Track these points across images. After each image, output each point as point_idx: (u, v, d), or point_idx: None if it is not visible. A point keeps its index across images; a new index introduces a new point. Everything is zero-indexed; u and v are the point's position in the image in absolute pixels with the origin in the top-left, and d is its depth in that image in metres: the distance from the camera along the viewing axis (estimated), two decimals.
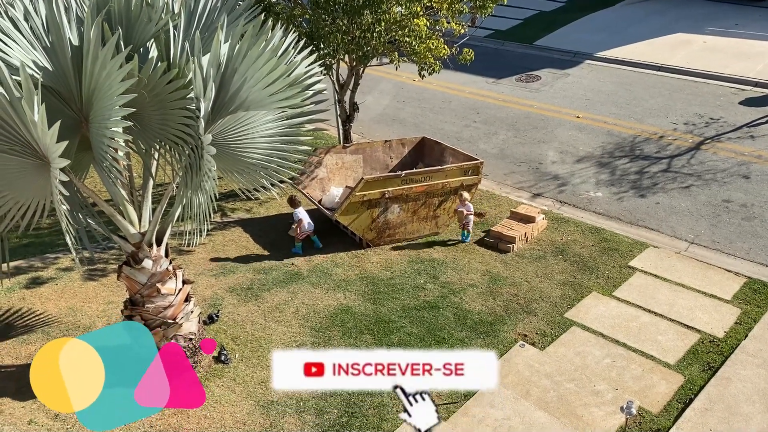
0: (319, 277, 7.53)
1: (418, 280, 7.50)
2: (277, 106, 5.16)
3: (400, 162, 9.70)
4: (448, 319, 6.72)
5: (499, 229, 8.40)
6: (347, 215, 7.86)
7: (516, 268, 7.80)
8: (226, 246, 8.32)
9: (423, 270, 7.73)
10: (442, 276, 7.59)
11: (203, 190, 4.99)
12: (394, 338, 6.42)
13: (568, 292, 7.27)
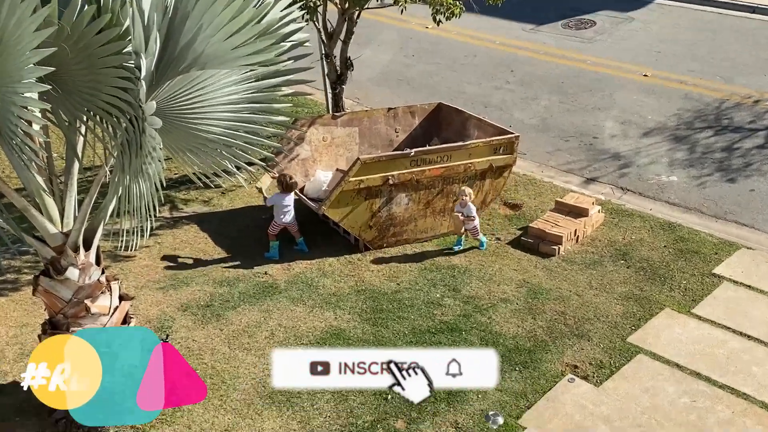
0: (302, 291, 7.54)
1: (434, 293, 7.51)
2: (244, 64, 5.14)
3: (409, 137, 9.69)
4: (472, 346, 6.71)
5: (541, 226, 8.40)
6: (338, 208, 7.86)
7: (563, 278, 7.80)
8: (178, 249, 8.33)
9: (440, 280, 7.74)
10: (464, 288, 7.59)
11: (146, 176, 4.98)
12: None
13: (632, 309, 7.27)
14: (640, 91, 12.58)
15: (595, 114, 11.88)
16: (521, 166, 10.32)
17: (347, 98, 11.80)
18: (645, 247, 8.33)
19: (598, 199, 9.29)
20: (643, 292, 7.55)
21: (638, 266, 7.99)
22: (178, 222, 8.95)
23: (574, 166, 10.50)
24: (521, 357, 6.63)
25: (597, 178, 10.14)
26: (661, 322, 7.08)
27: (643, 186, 9.83)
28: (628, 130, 11.34)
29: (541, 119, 11.84)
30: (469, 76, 13.74)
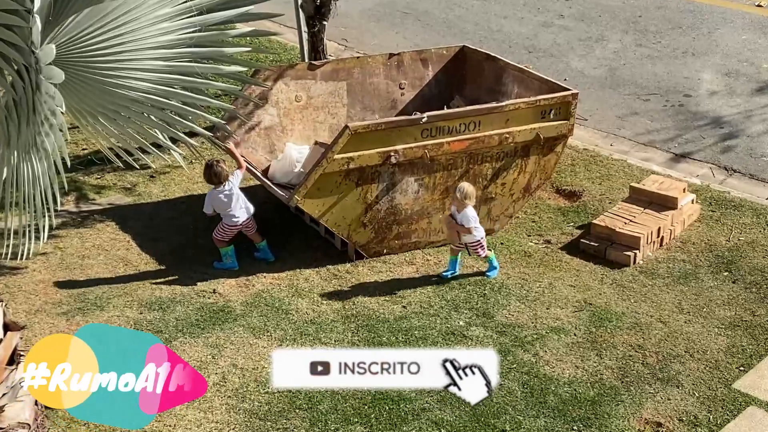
0: (266, 317, 7.56)
1: (456, 320, 7.53)
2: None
3: (420, 95, 9.69)
4: (511, 395, 6.73)
5: (609, 223, 8.41)
6: (318, 198, 7.88)
7: (641, 297, 7.81)
8: (88, 257, 8.35)
9: (464, 302, 7.77)
10: (499, 313, 7.61)
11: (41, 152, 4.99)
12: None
13: (740, 342, 7.28)
14: (751, 28, 12.58)
15: (687, 62, 11.88)
16: (581, 137, 10.32)
17: (331, 40, 11.80)
18: (759, 253, 8.33)
19: (691, 184, 9.29)
20: (755, 317, 7.55)
21: (749, 281, 7.98)
22: (88, 218, 8.95)
23: (656, 136, 10.51)
24: (581, 411, 6.62)
25: (690, 154, 10.14)
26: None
27: (756, 165, 9.84)
28: (735, 84, 11.34)
29: (609, 70, 11.84)
30: (506, 7, 13.73)
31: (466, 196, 7.76)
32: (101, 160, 9.48)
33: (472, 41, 11.39)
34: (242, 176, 8.18)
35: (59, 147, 5.01)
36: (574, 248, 8.48)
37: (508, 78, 9.26)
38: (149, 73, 5.31)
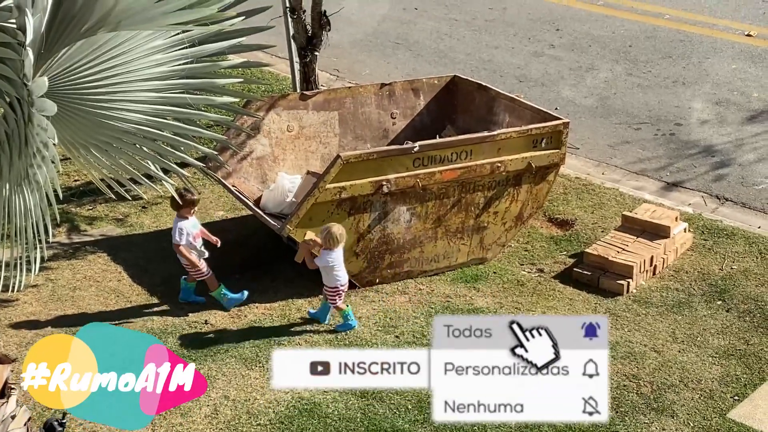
0: (258, 348, 7.53)
1: None
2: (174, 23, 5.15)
3: (411, 124, 9.71)
4: (506, 426, 6.70)
5: (602, 252, 8.42)
6: (310, 228, 7.87)
7: (634, 326, 7.81)
8: (80, 289, 8.32)
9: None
10: None
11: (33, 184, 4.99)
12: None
13: (734, 371, 7.27)
14: (741, 57, 12.66)
15: (677, 91, 11.95)
16: (573, 166, 10.35)
17: (323, 70, 11.83)
18: (752, 282, 8.34)
19: (683, 212, 9.31)
20: (749, 346, 7.55)
21: (742, 309, 7.99)
22: (79, 250, 8.93)
23: (648, 165, 10.54)
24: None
25: (682, 183, 10.17)
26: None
27: (748, 194, 9.86)
28: (726, 113, 11.40)
29: (600, 99, 11.90)
30: (497, 37, 13.82)
31: (333, 241, 7.56)
32: (93, 191, 9.46)
33: (464, 71, 11.45)
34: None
35: (51, 179, 5.00)
36: (567, 277, 8.48)
37: (499, 107, 9.29)
38: (142, 104, 5.31)
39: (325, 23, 10.03)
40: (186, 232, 7.83)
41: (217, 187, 9.58)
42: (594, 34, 13.60)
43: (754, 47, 12.85)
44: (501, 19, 14.39)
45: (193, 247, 7.91)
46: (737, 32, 13.30)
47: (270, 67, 11.59)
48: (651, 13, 14.19)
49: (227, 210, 9.67)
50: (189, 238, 7.85)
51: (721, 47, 12.91)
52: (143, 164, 5.49)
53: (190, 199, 7.86)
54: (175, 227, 7.88)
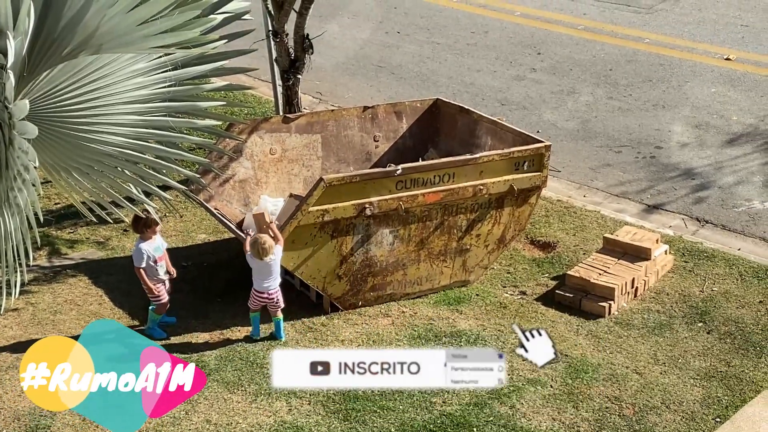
0: (240, 371, 7.50)
1: None
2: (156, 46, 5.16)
3: (394, 147, 9.72)
4: None
5: (584, 274, 8.43)
6: (293, 251, 7.87)
7: (616, 348, 7.81)
8: (60, 313, 8.27)
9: None
10: None
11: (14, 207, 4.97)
12: None
13: (715, 393, 7.29)
14: (720, 81, 12.76)
15: (657, 114, 12.02)
16: (554, 189, 10.38)
17: (305, 93, 11.87)
18: (732, 304, 8.37)
19: (664, 235, 9.34)
20: (731, 368, 7.57)
21: (723, 331, 8.01)
22: (60, 273, 8.88)
23: (629, 188, 10.58)
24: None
25: (662, 205, 10.21)
26: (757, 411, 7.07)
27: (728, 216, 9.91)
28: (705, 136, 11.47)
29: (581, 122, 11.96)
30: (479, 60, 13.88)
31: (264, 252, 7.54)
32: (74, 214, 9.43)
33: (446, 94, 11.48)
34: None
35: (32, 202, 4.99)
36: (549, 299, 8.49)
37: (481, 130, 9.31)
38: (123, 127, 5.32)
39: (307, 46, 10.06)
40: (146, 255, 7.74)
41: (200, 210, 9.56)
42: (575, 58, 13.68)
43: (733, 71, 12.96)
44: (483, 42, 14.46)
45: (154, 272, 7.84)
46: (716, 56, 13.41)
47: (253, 90, 11.63)
48: (631, 37, 14.31)
49: (209, 233, 9.65)
50: (150, 261, 7.78)
51: (700, 71, 13.01)
52: (125, 187, 5.50)
53: (152, 220, 7.69)
54: (135, 249, 7.78)
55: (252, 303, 7.80)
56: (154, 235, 7.80)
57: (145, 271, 7.74)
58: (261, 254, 7.51)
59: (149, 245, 7.76)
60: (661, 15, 15.04)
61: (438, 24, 15.26)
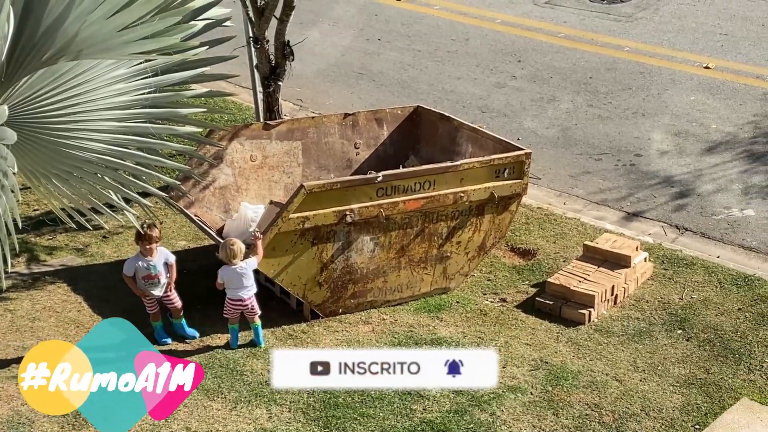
0: (220, 378, 7.47)
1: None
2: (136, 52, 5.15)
3: (375, 154, 9.72)
4: None
5: (564, 281, 8.45)
6: (273, 258, 7.85)
7: (596, 355, 7.83)
8: (39, 320, 8.23)
9: None
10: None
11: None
12: None
13: (694, 400, 7.31)
14: (699, 89, 12.83)
15: (637, 122, 12.07)
16: (534, 196, 10.40)
17: (286, 100, 11.85)
18: (711, 311, 8.40)
19: (644, 242, 9.38)
20: (710, 375, 7.60)
21: (702, 338, 8.04)
22: (39, 280, 8.83)
23: (609, 195, 10.62)
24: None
25: (642, 213, 10.25)
26: (736, 419, 7.09)
27: (707, 224, 9.96)
28: (685, 144, 11.53)
29: (561, 130, 12.00)
30: (460, 68, 13.91)
31: (232, 254, 7.57)
32: (53, 220, 9.37)
33: (427, 101, 11.50)
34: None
35: (11, 209, 4.97)
36: (530, 306, 8.50)
37: (462, 137, 9.33)
38: (103, 133, 5.30)
39: (288, 53, 10.05)
40: (135, 265, 7.75)
41: (180, 217, 9.52)
42: (555, 66, 13.73)
43: (712, 79, 13.03)
44: (463, 50, 14.49)
45: (142, 286, 7.81)
46: (695, 64, 13.49)
47: (233, 96, 11.60)
48: (611, 45, 14.37)
49: (190, 240, 9.62)
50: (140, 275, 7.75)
51: (679, 79, 13.08)
52: (105, 193, 5.48)
53: (145, 234, 7.64)
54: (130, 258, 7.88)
55: (228, 312, 7.77)
56: (152, 251, 7.74)
57: (131, 279, 7.79)
58: (229, 256, 7.51)
59: (140, 261, 7.73)
60: (640, 23, 15.11)
61: (419, 31, 15.27)
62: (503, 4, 16.15)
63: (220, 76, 5.67)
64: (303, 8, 10.40)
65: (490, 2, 16.29)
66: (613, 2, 15.94)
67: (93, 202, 5.58)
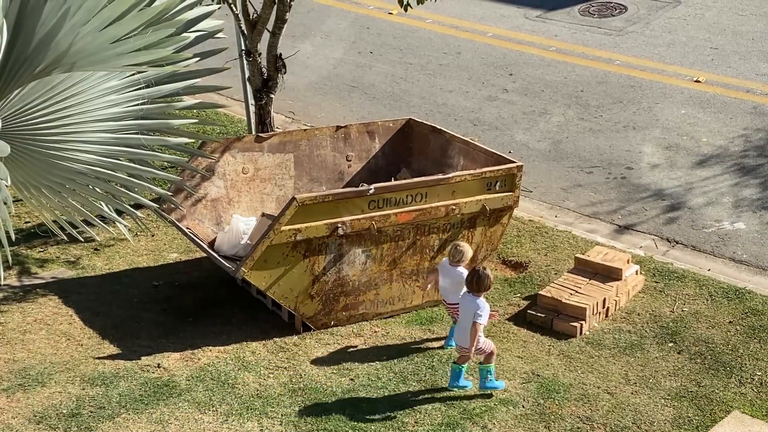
0: (211, 391, 7.46)
1: (404, 393, 7.49)
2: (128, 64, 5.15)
3: (367, 167, 9.74)
4: None
5: (555, 294, 8.46)
6: (265, 270, 7.85)
7: (588, 368, 7.84)
8: (30, 332, 8.21)
9: (412, 374, 7.73)
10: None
11: None
12: None
13: (686, 413, 7.32)
14: (690, 102, 12.88)
15: (628, 135, 12.11)
16: (526, 209, 10.42)
17: (278, 112, 11.88)
18: (703, 324, 8.42)
19: (635, 255, 9.39)
20: (701, 388, 7.61)
21: (694, 351, 8.06)
22: (30, 292, 8.81)
23: (600, 208, 10.65)
24: None
25: (633, 226, 10.27)
26: (728, 431, 7.14)
27: (698, 237, 9.99)
28: (676, 157, 11.57)
29: (552, 143, 12.03)
30: (451, 81, 13.95)
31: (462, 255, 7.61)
32: (45, 232, 9.37)
33: (418, 114, 11.53)
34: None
35: (3, 221, 4.95)
36: (521, 319, 8.51)
37: (454, 150, 9.35)
38: (95, 145, 5.30)
39: (280, 66, 10.08)
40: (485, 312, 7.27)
41: (171, 229, 9.53)
42: (547, 79, 13.78)
43: (702, 93, 13.08)
44: (455, 63, 14.53)
45: None
46: (686, 78, 13.54)
47: (225, 108, 11.64)
48: (602, 58, 14.43)
49: (181, 252, 9.61)
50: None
51: (670, 93, 13.13)
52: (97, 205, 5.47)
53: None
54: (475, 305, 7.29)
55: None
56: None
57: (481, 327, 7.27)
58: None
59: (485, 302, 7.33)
60: (631, 37, 15.18)
61: (410, 44, 15.32)
62: (495, 18, 16.21)
63: (211, 87, 5.68)
64: (295, 21, 10.43)
65: (481, 16, 16.34)
66: (604, 16, 16.01)
67: (85, 214, 5.57)
